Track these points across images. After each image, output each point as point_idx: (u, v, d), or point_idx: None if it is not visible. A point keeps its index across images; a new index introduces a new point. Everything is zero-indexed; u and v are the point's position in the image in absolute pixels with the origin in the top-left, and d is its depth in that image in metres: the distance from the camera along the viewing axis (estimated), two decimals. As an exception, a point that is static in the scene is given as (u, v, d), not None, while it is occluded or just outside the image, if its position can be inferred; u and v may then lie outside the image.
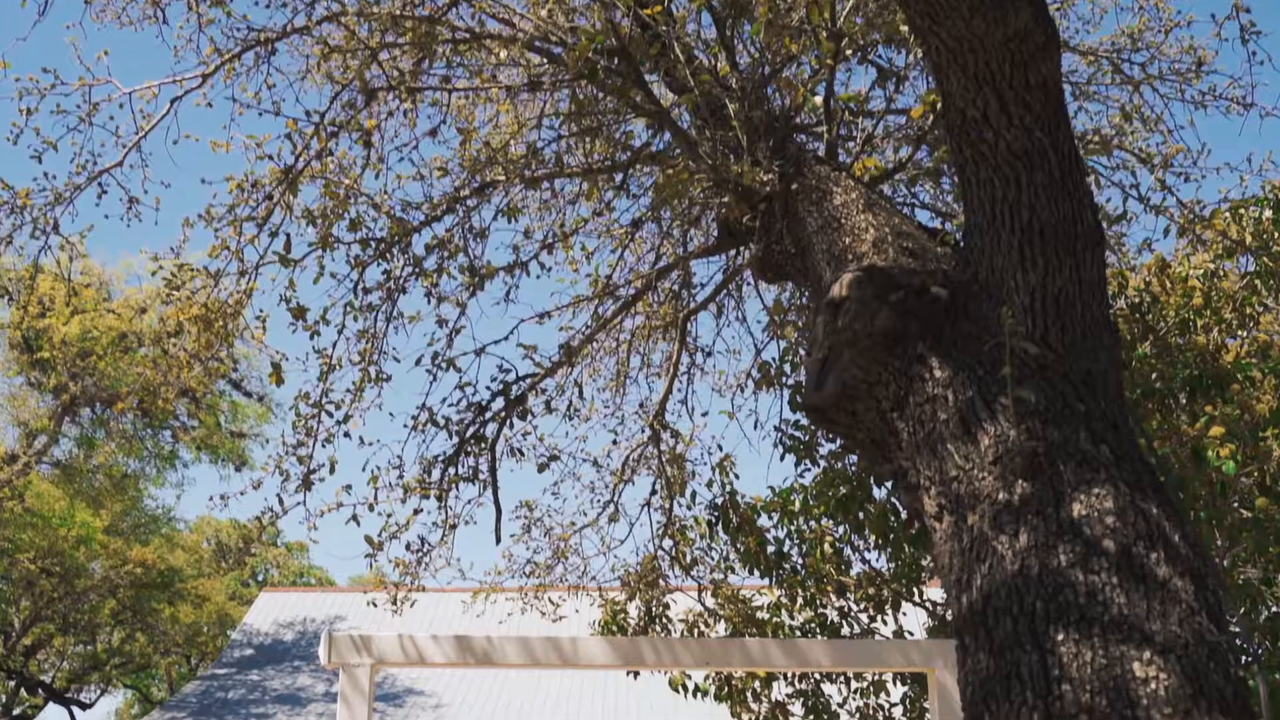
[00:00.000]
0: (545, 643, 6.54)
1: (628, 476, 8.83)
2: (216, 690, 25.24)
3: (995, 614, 3.11)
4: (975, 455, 3.45)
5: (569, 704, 23.56)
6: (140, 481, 30.92)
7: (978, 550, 3.29)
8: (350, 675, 6.47)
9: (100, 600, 32.95)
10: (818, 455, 9.65)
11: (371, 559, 7.56)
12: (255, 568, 50.58)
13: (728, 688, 10.29)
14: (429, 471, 7.57)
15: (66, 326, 21.17)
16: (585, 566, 9.30)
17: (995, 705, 2.96)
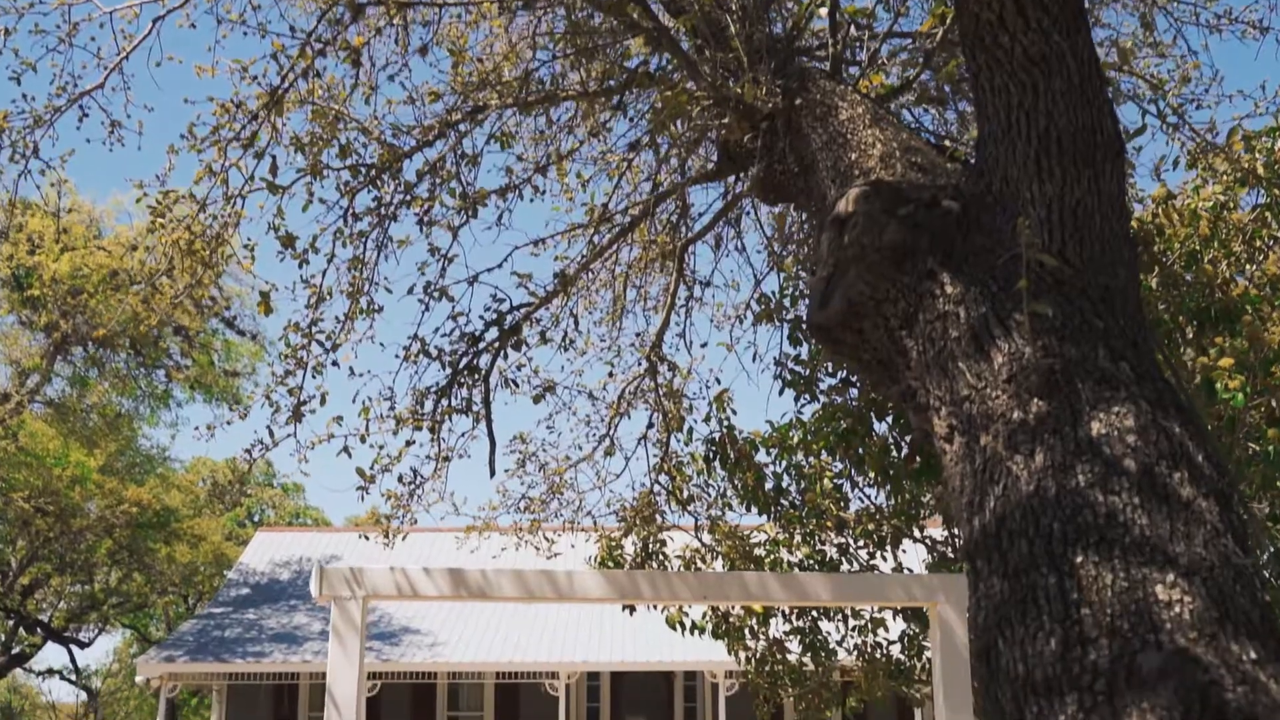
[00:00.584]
0: (540, 576, 6.42)
1: (624, 410, 8.68)
2: (213, 629, 25.28)
3: (1010, 536, 2.96)
4: (988, 373, 3.29)
5: (565, 643, 23.61)
6: (134, 421, 30.82)
7: (991, 471, 3.14)
8: (342, 609, 6.35)
9: (96, 540, 32.98)
10: (818, 390, 9.50)
11: (363, 492, 7.42)
12: (251, 508, 50.65)
13: (725, 625, 10.22)
14: (421, 403, 7.42)
15: (57, 264, 20.95)
16: (580, 501, 9.18)
17: (1010, 630, 2.82)
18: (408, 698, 25.39)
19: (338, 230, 7.39)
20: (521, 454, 8.93)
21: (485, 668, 22.71)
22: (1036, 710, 2.67)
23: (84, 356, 25.87)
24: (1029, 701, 2.70)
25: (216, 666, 22.82)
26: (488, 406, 7.51)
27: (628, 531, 9.73)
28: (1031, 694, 2.70)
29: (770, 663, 10.99)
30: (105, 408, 28.58)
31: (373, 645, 23.68)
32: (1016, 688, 2.75)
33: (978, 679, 2.97)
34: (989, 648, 2.89)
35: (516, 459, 8.98)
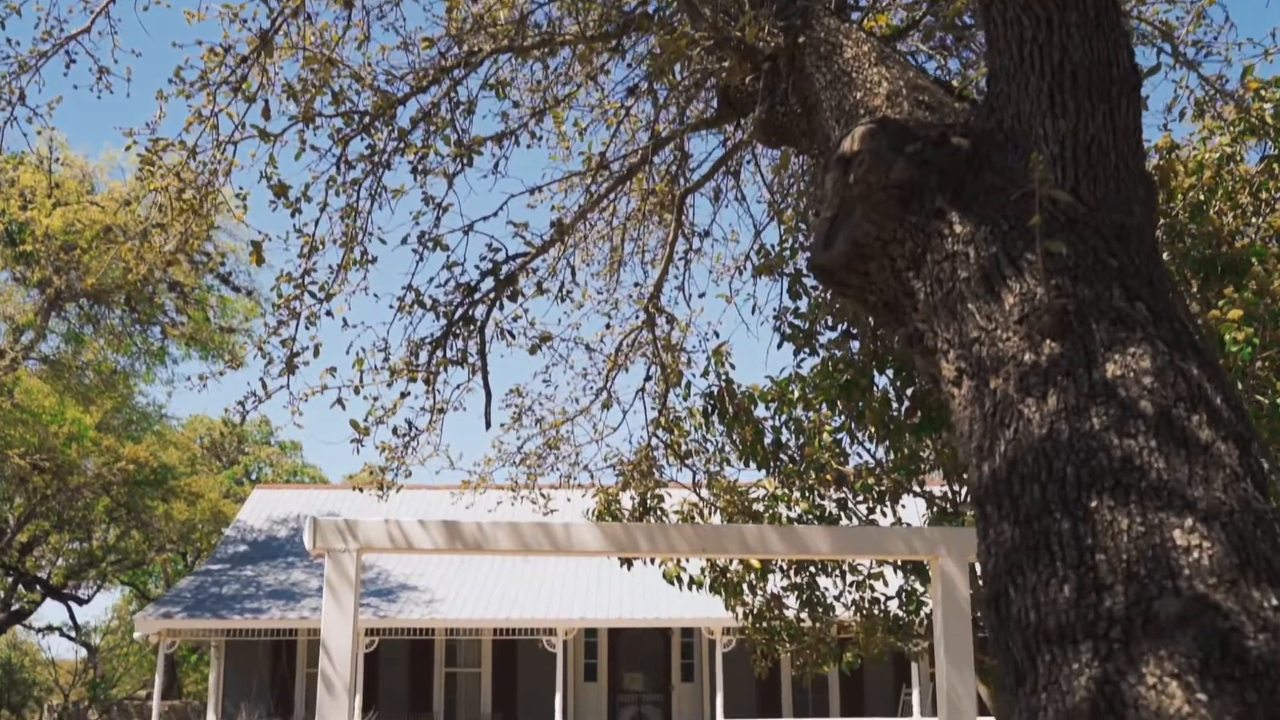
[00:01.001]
0: (536, 529, 6.34)
1: (622, 362, 8.57)
2: (211, 586, 25.30)
3: (1021, 481, 2.86)
4: (999, 315, 3.18)
5: (563, 600, 23.63)
6: (130, 378, 30.72)
7: (1002, 415, 3.03)
8: (336, 561, 6.28)
9: (94, 497, 32.96)
10: (817, 344, 9.40)
11: (358, 444, 7.32)
12: (248, 466, 50.65)
13: (723, 580, 10.17)
14: (416, 354, 7.31)
15: (49, 219, 20.76)
16: (577, 455, 9.08)
17: (1022, 577, 2.73)
18: (405, 654, 25.46)
19: (330, 178, 7.26)
20: (517, 408, 8.83)
21: (483, 624, 22.75)
22: (1049, 659, 2.58)
23: (79, 313, 25.73)
24: (1041, 650, 2.61)
25: (214, 623, 22.85)
26: (483, 358, 7.40)
27: (625, 486, 9.66)
28: (1044, 642, 2.61)
29: (768, 618, 10.96)
30: (101, 364, 28.47)
31: (370, 602, 23.71)
32: (1028, 636, 2.66)
33: (988, 627, 2.88)
34: (999, 595, 2.80)
35: (512, 413, 8.89)
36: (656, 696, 25.79)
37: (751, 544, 6.48)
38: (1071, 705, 2.47)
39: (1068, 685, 2.50)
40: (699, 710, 25.36)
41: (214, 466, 47.53)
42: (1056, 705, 2.50)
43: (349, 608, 6.15)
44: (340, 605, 6.16)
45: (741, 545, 6.52)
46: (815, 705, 25.22)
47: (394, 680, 25.35)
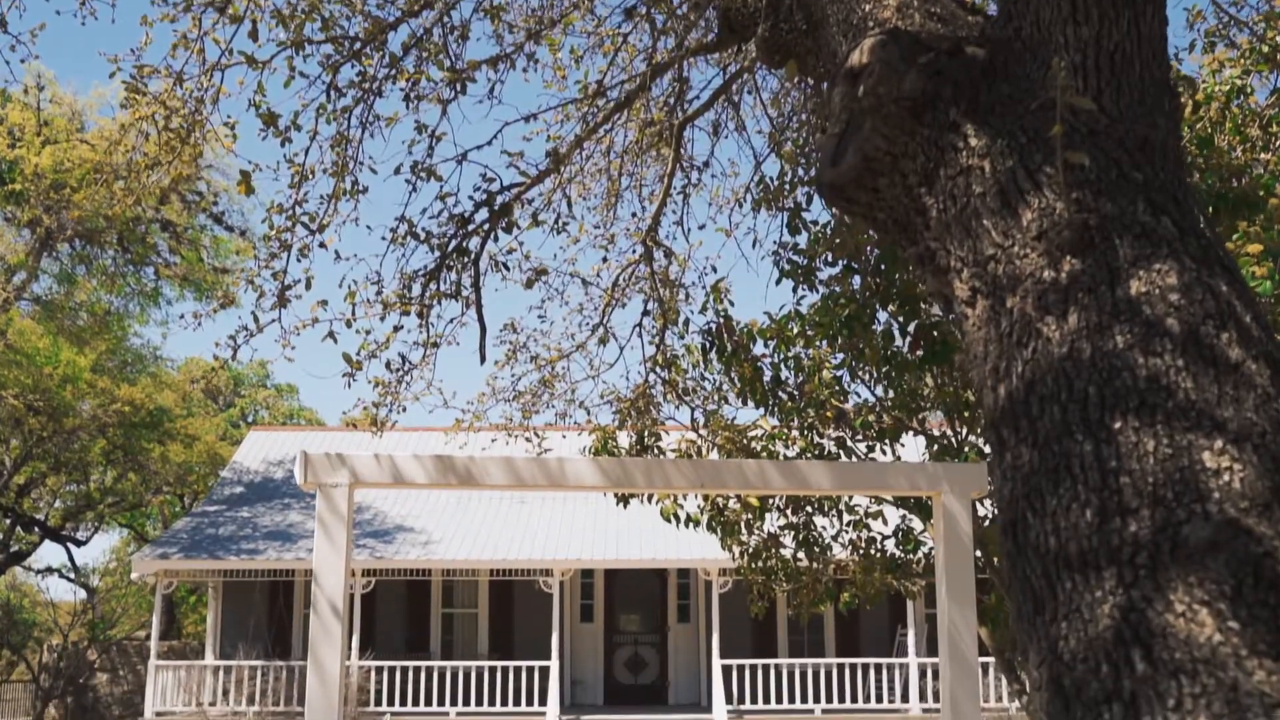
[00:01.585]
0: (531, 463, 6.22)
1: (618, 297, 8.42)
2: (207, 527, 25.28)
3: (1040, 403, 2.73)
4: (1016, 231, 3.03)
5: (559, 541, 23.63)
6: (124, 320, 30.53)
7: (1019, 335, 2.89)
8: (327, 496, 6.16)
9: (90, 440, 32.89)
10: (817, 280, 9.26)
11: (350, 379, 7.18)
12: (245, 409, 50.59)
13: (721, 518, 10.08)
14: (409, 287, 7.16)
15: (38, 157, 20.48)
16: (573, 392, 8.95)
17: (1040, 502, 2.59)
18: (402, 595, 25.50)
19: (320, 106, 7.08)
20: (512, 344, 8.69)
21: (479, 565, 22.76)
22: (1070, 586, 2.45)
23: (71, 254, 25.52)
24: (1061, 577, 2.48)
25: (211, 564, 22.85)
26: (478, 291, 7.25)
27: (622, 424, 9.54)
28: (1064, 568, 2.48)
29: (764, 557, 10.88)
30: (94, 305, 28.27)
31: (366, 543, 23.70)
32: (1047, 562, 2.53)
33: (1004, 554, 2.75)
34: (1016, 521, 2.67)
35: (507, 350, 8.75)
36: (653, 637, 25.88)
37: (751, 479, 6.36)
38: (1094, 634, 2.35)
39: (1090, 613, 2.38)
40: (694, 651, 25.45)
41: (210, 409, 47.46)
42: (1078, 634, 2.38)
43: (341, 543, 6.04)
44: (332, 541, 6.05)
45: (741, 480, 6.39)
46: (811, 646, 25.30)
47: (391, 621, 25.41)
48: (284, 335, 7.03)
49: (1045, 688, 2.42)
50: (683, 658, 25.63)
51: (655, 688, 25.53)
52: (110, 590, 42.63)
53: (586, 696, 25.27)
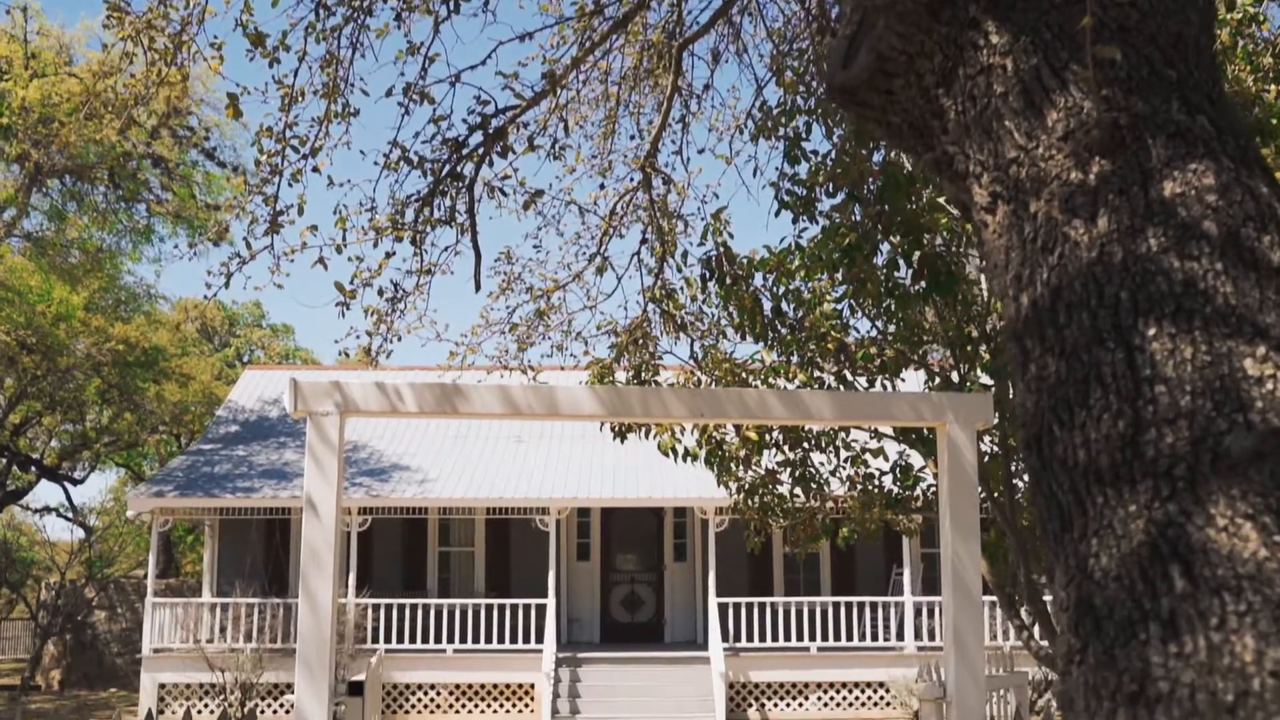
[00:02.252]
0: (528, 391, 6.07)
1: (616, 225, 8.22)
2: (203, 465, 25.21)
3: (1067, 310, 2.56)
4: (1040, 132, 2.85)
5: (556, 480, 23.57)
6: (116, 257, 30.25)
7: (1044, 240, 2.72)
8: (318, 425, 6.01)
9: (85, 378, 32.76)
10: (817, 212, 9.07)
11: (343, 307, 7.01)
12: (240, 349, 50.44)
13: (720, 453, 9.95)
14: (402, 212, 6.96)
15: (26, 90, 20.13)
16: (569, 323, 8.77)
17: (1068, 414, 2.44)
18: (399, 533, 25.49)
19: (310, 25, 6.84)
20: (507, 275, 8.50)
21: (476, 503, 22.71)
22: (1101, 501, 2.30)
23: (61, 189, 25.20)
24: (1091, 491, 2.33)
25: (206, 501, 22.79)
26: (472, 217, 7.06)
27: (618, 358, 9.38)
28: (1094, 483, 2.33)
29: (761, 493, 10.78)
30: (86, 243, 27.98)
31: (362, 481, 23.64)
32: (1075, 477, 2.38)
33: (1028, 471, 2.60)
34: (1042, 434, 2.52)
35: (501, 281, 8.55)
36: (649, 576, 25.91)
37: (752, 408, 6.21)
38: (1128, 550, 2.20)
39: (1123, 529, 2.23)
40: (691, 589, 25.50)
41: (205, 349, 47.29)
42: (1110, 551, 2.24)
43: (333, 473, 5.91)
44: (323, 470, 5.92)
45: (742, 409, 6.25)
46: (807, 585, 25.35)
47: (388, 560, 25.42)
48: (276, 262, 6.84)
49: (1073, 608, 2.28)
50: (679, 596, 25.68)
51: (651, 626, 25.61)
52: (108, 528, 42.67)
53: (583, 634, 25.34)
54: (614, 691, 21.22)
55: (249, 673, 21.27)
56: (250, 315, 52.42)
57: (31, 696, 27.04)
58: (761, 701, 21.94)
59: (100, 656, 30.37)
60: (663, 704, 20.89)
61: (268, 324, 53.06)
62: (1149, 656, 2.06)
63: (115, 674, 29.72)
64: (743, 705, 21.84)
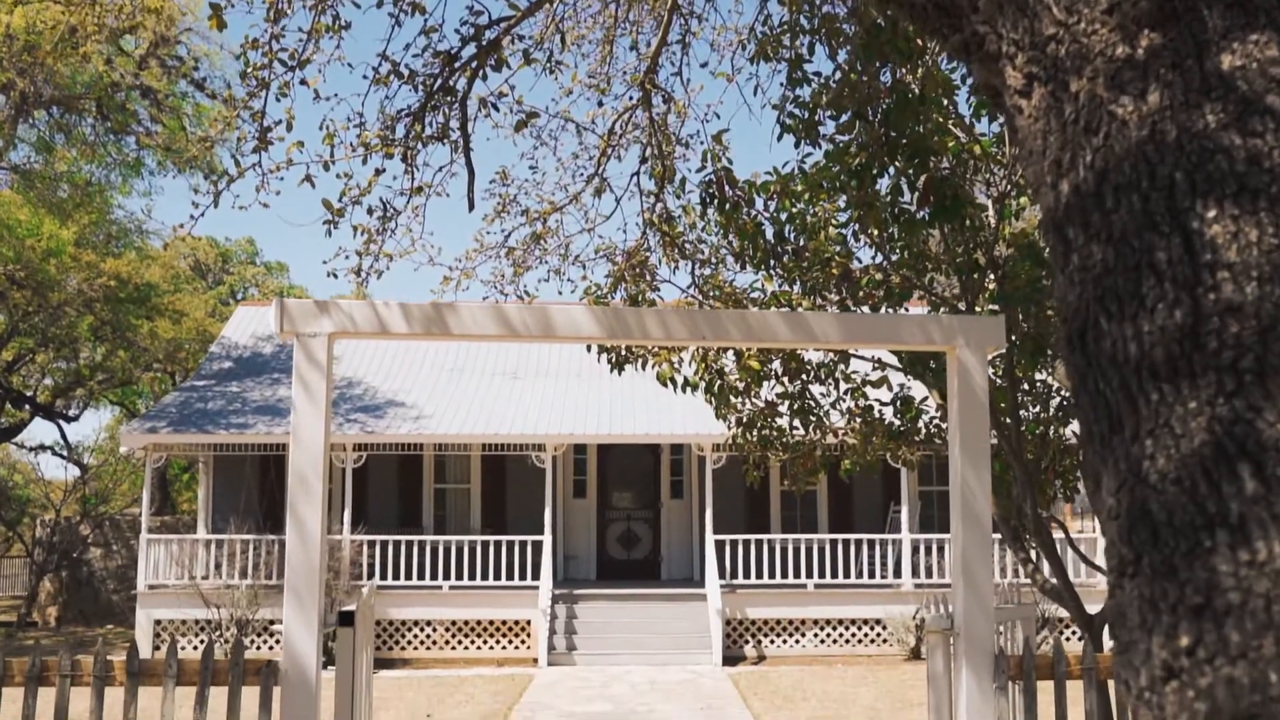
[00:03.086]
0: (523, 311, 5.84)
1: (615, 145, 7.94)
2: (196, 401, 25.02)
3: (1115, 193, 2.33)
4: (1081, 5, 2.61)
5: (552, 416, 23.41)
6: (106, 191, 29.86)
7: (1087, 120, 2.49)
8: (305, 347, 5.78)
9: (77, 315, 32.47)
10: (820, 137, 8.80)
11: (331, 225, 6.76)
12: (234, 286, 50.12)
13: (720, 382, 9.75)
14: (392, 128, 6.69)
15: (10, 18, 19.69)
16: (566, 246, 8.50)
17: (1117, 305, 2.22)
18: (394, 470, 25.37)
19: (293, -70, 6.54)
20: (502, 198, 8.22)
21: (471, 439, 22.56)
22: (1156, 397, 2.09)
23: (49, 121, 24.76)
24: (1145, 388, 2.12)
25: (200, 438, 22.63)
26: (465, 134, 6.79)
27: (616, 286, 9.14)
28: (1149, 378, 2.11)
29: (760, 425, 10.59)
30: (75, 176, 27.58)
31: (357, 417, 23.47)
32: (1126, 373, 2.16)
33: (1070, 369, 2.38)
34: (1086, 329, 2.30)
35: (497, 204, 8.28)
36: (646, 513, 25.84)
37: (755, 329, 5.99)
38: (1189, 451, 1.99)
39: (1182, 428, 2.02)
40: (687, 527, 25.44)
41: (199, 286, 46.97)
42: (1168, 451, 2.02)
43: (320, 396, 5.69)
44: (311, 394, 5.70)
45: (744, 330, 6.02)
46: (804, 523, 25.29)
47: (383, 496, 25.32)
48: (262, 179, 6.58)
49: (1125, 516, 2.07)
50: (676, 533, 25.62)
51: (648, 563, 25.57)
52: (102, 465, 42.59)
53: (579, 572, 25.31)
54: (610, 628, 21.19)
55: (244, 609, 21.22)
56: (244, 252, 52.06)
57: (28, 633, 27.04)
58: (758, 638, 21.93)
59: (96, 593, 30.38)
60: (659, 641, 20.87)
61: (261, 261, 52.71)
62: (1216, 566, 1.86)
63: (112, 611, 29.73)
64: (739, 642, 21.84)
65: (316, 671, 5.57)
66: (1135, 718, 1.94)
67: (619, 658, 20.35)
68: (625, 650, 20.57)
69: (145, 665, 5.61)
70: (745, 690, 16.98)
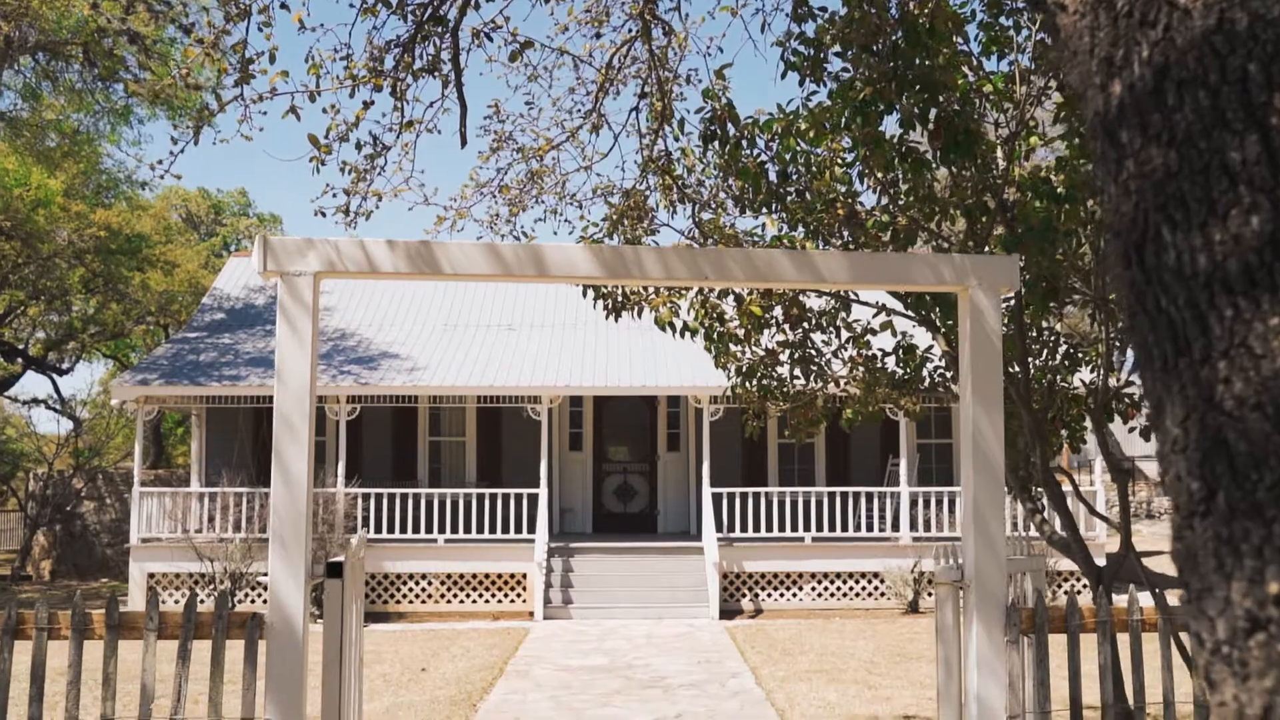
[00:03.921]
0: (517, 249, 5.58)
1: (613, 78, 7.65)
2: (188, 353, 24.77)
3: (1178, 90, 2.08)
4: (1135, -113, 2.35)
5: (548, 368, 23.18)
6: (95, 140, 29.43)
7: (1142, 12, 2.23)
8: (290, 286, 5.53)
9: (69, 267, 32.15)
10: (825, 74, 8.51)
11: (318, 162, 6.48)
12: (227, 238, 49.73)
13: (718, 329, 9.50)
14: (381, 60, 6.40)
15: (-6, -41, 19.25)
16: (563, 184, 8.22)
17: (1182, 213, 1.98)
18: (388, 422, 25.17)
19: None
20: (497, 135, 7.93)
21: (467, 391, 22.33)
22: (1231, 314, 1.85)
23: (35, 68, 24.33)
24: (1216, 304, 1.88)
25: (192, 390, 22.39)
26: (456, 65, 6.50)
27: (613, 230, 8.87)
28: (1221, 293, 1.88)
29: (761, 374, 10.36)
30: (63, 124, 27.16)
31: (351, 369, 23.23)
32: (1195, 287, 1.92)
33: (1122, 287, 2.14)
34: (1145, 241, 2.05)
35: (492, 141, 7.99)
36: (642, 466, 25.68)
37: (760, 268, 5.74)
38: (1270, 372, 1.75)
39: (1263, 346, 1.78)
40: (684, 480, 25.28)
41: (191, 238, 46.58)
42: (1246, 374, 1.79)
43: (307, 335, 5.44)
44: (296, 333, 5.45)
45: (749, 270, 5.77)
46: (801, 476, 25.15)
47: (377, 449, 25.13)
48: (245, 111, 6.30)
49: (1196, 446, 1.84)
50: (672, 487, 25.47)
51: (645, 516, 25.44)
52: (96, 416, 42.39)
53: (575, 525, 25.18)
54: (606, 582, 21.07)
55: (238, 562, 21.07)
56: (237, 204, 51.64)
57: (22, 586, 26.92)
58: (755, 592, 21.82)
59: (90, 547, 30.24)
60: (656, 594, 20.75)
61: (254, 213, 52.29)
62: (1310, 500, 1.63)
63: (106, 564, 29.61)
64: (736, 596, 21.73)
65: (304, 624, 5.36)
66: (1208, 676, 1.72)
67: (615, 611, 20.24)
68: (622, 604, 20.46)
69: (125, 618, 5.40)
70: (742, 643, 16.87)
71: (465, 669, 14.65)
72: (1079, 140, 7.89)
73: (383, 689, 13.27)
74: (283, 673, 5.27)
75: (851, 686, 13.21)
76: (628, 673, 14.32)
